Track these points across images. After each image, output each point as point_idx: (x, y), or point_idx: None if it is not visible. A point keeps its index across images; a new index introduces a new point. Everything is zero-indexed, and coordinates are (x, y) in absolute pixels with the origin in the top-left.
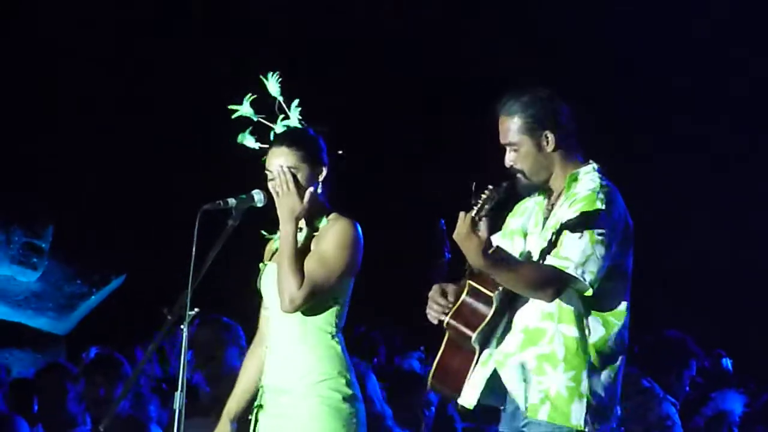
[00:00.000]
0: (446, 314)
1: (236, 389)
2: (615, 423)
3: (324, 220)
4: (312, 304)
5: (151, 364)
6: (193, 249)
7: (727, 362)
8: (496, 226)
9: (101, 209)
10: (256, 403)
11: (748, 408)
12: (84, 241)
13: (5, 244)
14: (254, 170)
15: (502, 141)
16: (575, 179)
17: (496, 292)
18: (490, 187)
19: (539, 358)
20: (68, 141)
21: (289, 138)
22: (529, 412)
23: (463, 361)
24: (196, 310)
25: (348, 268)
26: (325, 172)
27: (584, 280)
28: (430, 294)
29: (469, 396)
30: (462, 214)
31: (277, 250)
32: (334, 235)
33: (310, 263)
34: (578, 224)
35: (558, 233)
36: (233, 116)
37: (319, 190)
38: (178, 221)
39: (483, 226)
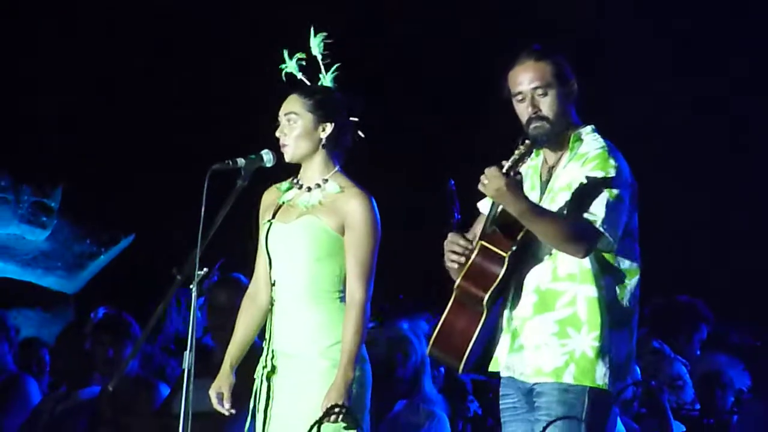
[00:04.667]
0: (464, 262)
1: (235, 339)
2: (630, 380)
3: (332, 182)
4: (321, 269)
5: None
6: (202, 209)
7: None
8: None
9: (110, 169)
10: (264, 367)
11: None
12: (93, 201)
13: (15, 203)
14: (264, 129)
15: (530, 86)
16: (578, 139)
17: (509, 252)
18: (527, 141)
19: (560, 323)
20: (77, 100)
21: (303, 86)
22: (553, 376)
23: (468, 323)
24: (204, 270)
25: (377, 245)
26: (330, 128)
27: (609, 234)
28: (448, 241)
29: (501, 359)
30: (493, 168)
31: (281, 204)
32: (363, 222)
33: (359, 263)
34: (598, 182)
35: (578, 192)
36: (281, 72)
37: (322, 143)
38: (187, 181)
39: (519, 178)
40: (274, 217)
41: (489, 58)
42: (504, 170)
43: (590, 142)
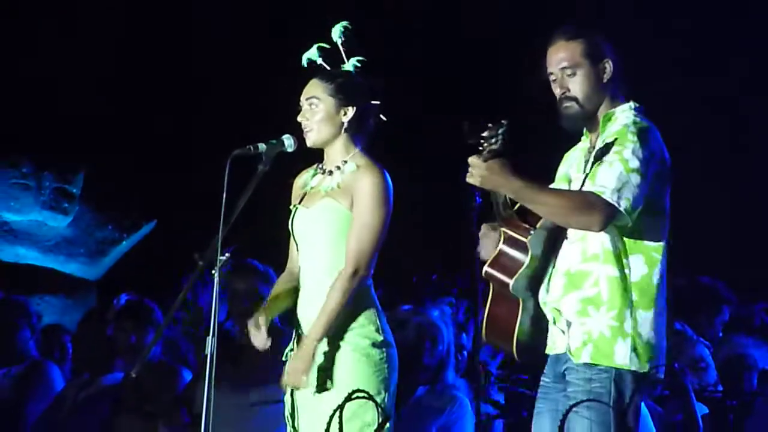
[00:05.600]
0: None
1: (270, 297)
2: (661, 360)
3: (350, 163)
4: (341, 252)
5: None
6: (224, 194)
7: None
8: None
9: (132, 155)
10: (291, 350)
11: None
12: (115, 187)
13: (36, 189)
14: (286, 115)
15: (559, 66)
16: (610, 119)
17: (529, 236)
18: (489, 125)
19: (583, 301)
20: (99, 87)
21: (324, 71)
22: (573, 356)
23: (510, 311)
24: (226, 255)
25: (386, 220)
26: (351, 111)
27: (620, 206)
28: (481, 233)
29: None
30: (472, 158)
31: (306, 191)
32: (368, 196)
33: (357, 234)
34: (612, 156)
35: (593, 168)
36: (302, 61)
37: (344, 127)
38: (209, 167)
39: (504, 159)
40: (300, 202)
41: (490, 57)
42: (483, 156)
43: (621, 119)
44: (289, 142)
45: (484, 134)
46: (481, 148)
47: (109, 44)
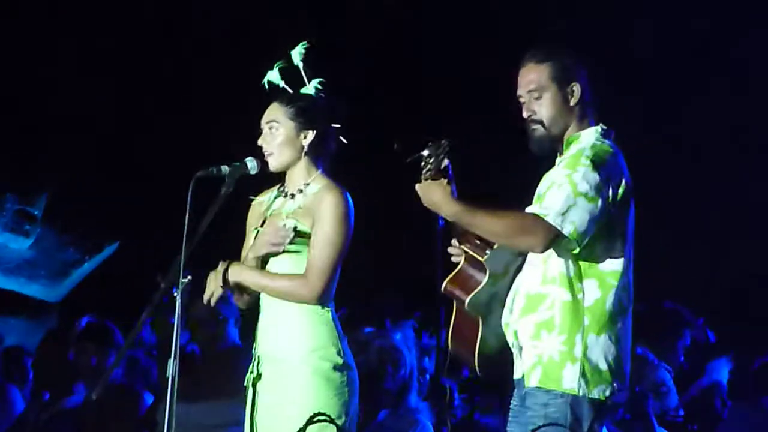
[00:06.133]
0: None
1: None
2: (618, 385)
3: (312, 185)
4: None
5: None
6: (186, 216)
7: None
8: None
9: (94, 176)
10: (251, 373)
11: (732, 375)
12: (77, 209)
13: None
14: (248, 137)
15: (526, 89)
16: (573, 140)
17: (485, 256)
18: (429, 143)
19: (538, 325)
20: (61, 108)
21: (283, 94)
22: (525, 379)
23: (471, 327)
24: (189, 277)
25: (346, 240)
26: (311, 135)
27: (563, 229)
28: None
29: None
30: (418, 185)
31: (267, 214)
32: (329, 214)
33: (316, 251)
34: (561, 179)
35: (540, 191)
36: (262, 82)
37: (304, 150)
38: (171, 189)
39: (443, 181)
40: (262, 225)
41: (489, 60)
42: (423, 176)
43: (582, 142)
44: (252, 164)
45: (424, 153)
46: (423, 166)
47: (73, 64)
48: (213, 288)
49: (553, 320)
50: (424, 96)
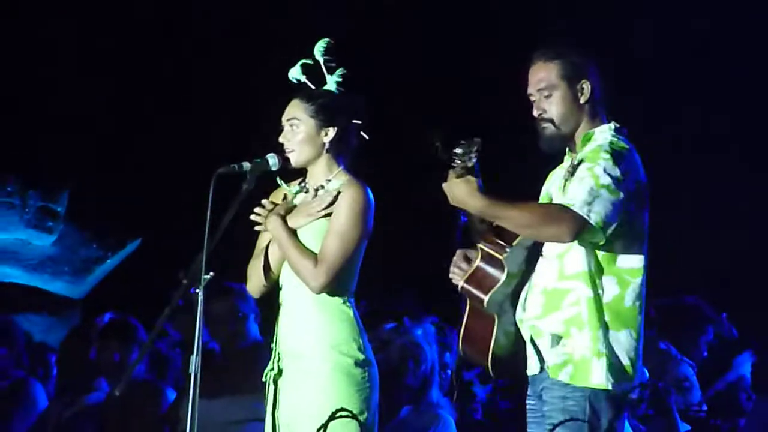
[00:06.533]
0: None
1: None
2: (638, 382)
3: (334, 181)
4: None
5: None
6: (208, 213)
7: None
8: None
9: (116, 173)
10: (271, 369)
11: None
12: (99, 205)
13: (21, 208)
14: (270, 133)
15: (536, 87)
16: (589, 138)
17: (505, 254)
18: (462, 141)
19: (566, 322)
20: (82, 104)
21: (304, 91)
22: (551, 373)
23: (485, 326)
24: (211, 273)
25: (363, 236)
26: (332, 132)
27: (590, 218)
28: (454, 259)
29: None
30: (450, 172)
31: (292, 207)
32: (346, 206)
33: (327, 240)
34: (582, 172)
35: (565, 184)
36: (289, 78)
37: (326, 147)
38: (193, 185)
39: (470, 178)
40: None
41: (491, 61)
42: (454, 173)
43: (599, 139)
44: (273, 161)
45: (456, 151)
46: (453, 165)
47: (93, 65)
48: (262, 221)
49: (580, 316)
50: (424, 96)
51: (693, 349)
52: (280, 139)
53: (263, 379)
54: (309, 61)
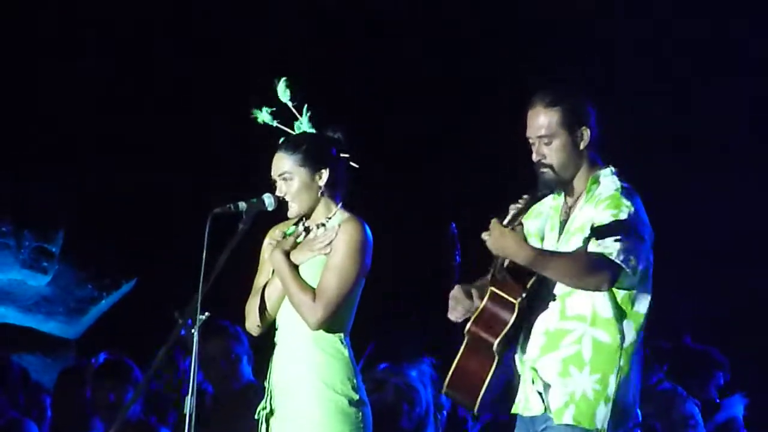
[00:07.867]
0: (469, 319)
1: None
2: (632, 424)
3: (333, 219)
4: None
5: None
6: (204, 253)
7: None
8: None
9: (111, 213)
10: (264, 407)
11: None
12: (94, 246)
13: (16, 248)
14: (264, 174)
15: (536, 133)
16: (596, 181)
17: (519, 298)
18: (526, 196)
19: (564, 361)
20: (77, 143)
21: (287, 142)
22: (556, 418)
23: (481, 366)
24: (206, 314)
25: (360, 272)
26: (326, 174)
27: (627, 266)
28: (453, 294)
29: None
30: (494, 220)
31: (297, 243)
32: (344, 242)
33: (325, 276)
34: (611, 220)
35: (592, 232)
36: (257, 121)
37: (321, 190)
38: (188, 225)
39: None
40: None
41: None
42: (505, 223)
43: (607, 184)
44: (269, 201)
45: (519, 203)
46: (507, 214)
47: (82, 95)
48: (269, 250)
49: (580, 355)
50: (425, 96)
51: (701, 393)
52: (277, 194)
53: (255, 417)
54: (273, 108)
